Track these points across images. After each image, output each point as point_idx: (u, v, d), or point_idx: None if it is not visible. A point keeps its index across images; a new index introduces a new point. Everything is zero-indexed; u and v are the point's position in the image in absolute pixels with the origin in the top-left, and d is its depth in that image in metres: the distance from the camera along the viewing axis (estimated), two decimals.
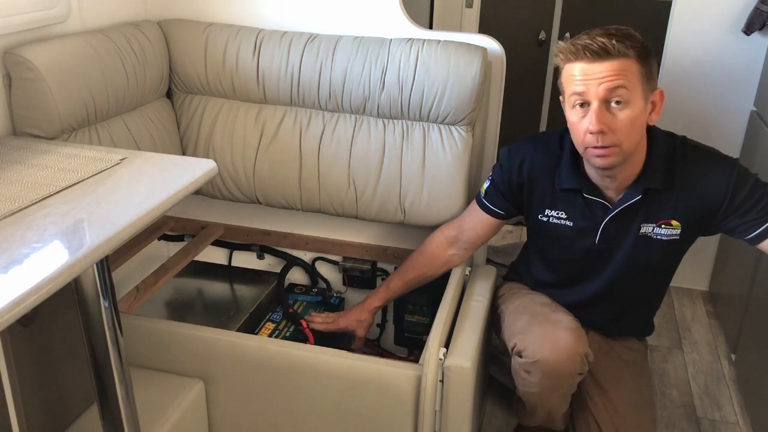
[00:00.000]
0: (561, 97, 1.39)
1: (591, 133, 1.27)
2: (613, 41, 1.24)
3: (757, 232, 1.33)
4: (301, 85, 1.72)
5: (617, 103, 1.26)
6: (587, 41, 1.25)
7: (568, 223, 1.46)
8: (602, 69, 1.25)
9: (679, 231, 1.40)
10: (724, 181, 1.34)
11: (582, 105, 1.29)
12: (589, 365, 1.38)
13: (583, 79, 1.26)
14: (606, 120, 1.26)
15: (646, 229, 1.40)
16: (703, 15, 2.20)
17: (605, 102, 1.26)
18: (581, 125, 1.29)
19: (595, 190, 1.41)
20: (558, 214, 1.47)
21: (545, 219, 1.49)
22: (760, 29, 2.12)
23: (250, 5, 1.79)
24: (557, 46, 1.31)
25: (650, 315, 1.62)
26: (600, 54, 1.24)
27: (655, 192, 1.37)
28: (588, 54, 1.25)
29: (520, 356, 1.37)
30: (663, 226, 1.39)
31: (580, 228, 1.45)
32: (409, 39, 1.66)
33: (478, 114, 1.68)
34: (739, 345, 2.05)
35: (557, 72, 1.36)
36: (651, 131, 1.36)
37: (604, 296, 1.51)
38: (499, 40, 1.70)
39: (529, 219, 1.53)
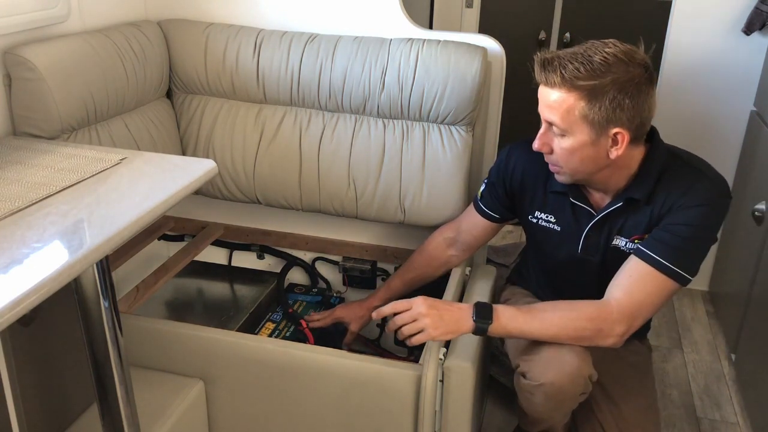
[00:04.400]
0: None
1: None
2: (560, 70, 1.23)
3: (638, 247, 1.33)
4: (301, 85, 1.72)
5: (555, 130, 1.29)
6: (548, 61, 1.25)
7: (556, 227, 1.46)
8: (546, 95, 1.27)
9: None
10: (689, 200, 1.30)
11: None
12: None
13: (539, 96, 1.29)
14: (547, 140, 1.31)
15: (619, 242, 1.39)
16: (703, 15, 2.20)
17: (549, 125, 1.30)
18: None
19: (582, 196, 1.41)
20: (547, 217, 1.47)
21: (534, 221, 1.49)
22: (760, 29, 2.13)
23: (250, 5, 1.79)
24: (535, 56, 1.29)
25: None
26: (546, 80, 1.26)
27: (636, 203, 1.35)
28: (542, 76, 1.26)
29: (524, 377, 1.35)
30: (636, 240, 1.37)
31: (566, 233, 1.44)
32: (409, 39, 1.66)
33: (478, 114, 1.68)
34: (739, 345, 2.05)
35: None
36: (654, 145, 1.34)
37: None
38: (499, 40, 1.70)
39: (521, 220, 1.54)
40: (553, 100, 1.25)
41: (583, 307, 1.32)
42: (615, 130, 1.24)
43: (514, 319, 1.33)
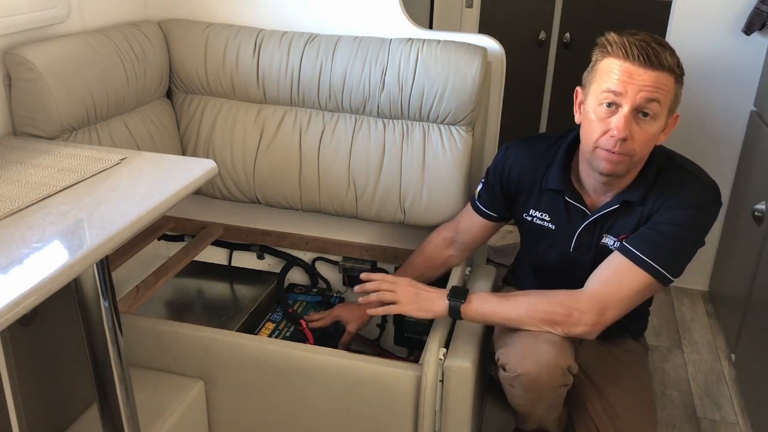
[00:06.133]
0: (580, 89, 1.35)
1: (612, 136, 1.25)
2: (667, 54, 1.22)
3: (621, 243, 1.34)
4: (301, 85, 1.72)
5: (645, 114, 1.24)
6: (642, 44, 1.22)
7: (550, 225, 1.46)
8: (647, 77, 1.22)
9: None
10: (678, 202, 1.31)
11: (610, 105, 1.25)
12: (585, 369, 1.38)
13: (624, 80, 1.23)
14: (631, 128, 1.24)
15: (607, 240, 1.40)
16: (703, 15, 2.20)
17: (635, 110, 1.24)
18: (602, 124, 1.26)
19: (577, 195, 1.41)
20: (541, 215, 1.47)
21: (529, 219, 1.49)
22: (760, 29, 2.12)
23: (250, 5, 1.79)
24: (607, 36, 1.27)
25: (636, 314, 1.60)
26: (652, 62, 1.22)
27: (630, 205, 1.36)
28: (641, 58, 1.21)
29: (504, 369, 1.35)
30: (624, 241, 1.38)
31: (559, 232, 1.44)
32: (409, 39, 1.66)
33: (478, 114, 1.68)
34: (739, 345, 2.05)
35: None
36: (654, 147, 1.34)
37: None
38: (499, 40, 1.70)
39: (516, 219, 1.54)
40: (659, 81, 1.22)
41: (557, 293, 1.35)
42: (675, 114, 1.29)
43: (487, 300, 1.38)
